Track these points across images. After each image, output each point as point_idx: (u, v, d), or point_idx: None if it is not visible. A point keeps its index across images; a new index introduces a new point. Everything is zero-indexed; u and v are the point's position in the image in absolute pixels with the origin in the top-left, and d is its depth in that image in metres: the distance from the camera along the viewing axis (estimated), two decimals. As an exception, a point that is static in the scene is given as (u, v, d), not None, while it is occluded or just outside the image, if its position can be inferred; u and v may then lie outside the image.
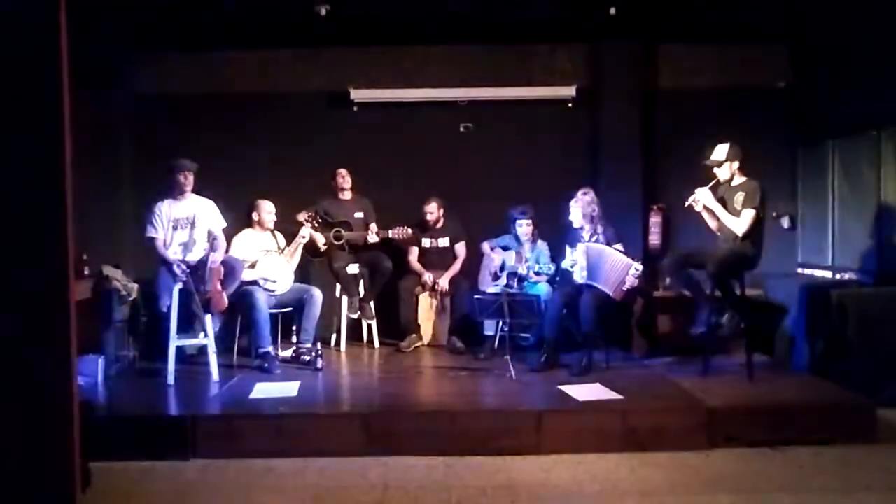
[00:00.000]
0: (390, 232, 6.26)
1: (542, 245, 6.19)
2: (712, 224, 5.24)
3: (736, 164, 5.14)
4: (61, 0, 2.51)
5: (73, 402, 2.49)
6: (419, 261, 6.55)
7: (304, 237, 6.00)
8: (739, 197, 5.05)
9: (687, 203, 5.20)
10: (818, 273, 6.65)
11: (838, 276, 6.29)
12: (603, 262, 5.41)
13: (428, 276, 6.39)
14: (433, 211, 6.50)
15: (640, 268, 5.28)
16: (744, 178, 5.14)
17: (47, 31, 2.52)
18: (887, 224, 5.72)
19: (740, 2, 6.00)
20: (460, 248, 6.56)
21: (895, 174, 5.66)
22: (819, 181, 6.71)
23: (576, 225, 5.65)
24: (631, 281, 5.27)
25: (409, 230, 6.32)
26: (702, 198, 5.13)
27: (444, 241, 6.56)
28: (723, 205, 5.12)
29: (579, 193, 5.65)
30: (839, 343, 5.35)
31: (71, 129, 2.55)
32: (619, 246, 5.52)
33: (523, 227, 6.13)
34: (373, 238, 6.27)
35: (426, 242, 6.57)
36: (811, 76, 6.83)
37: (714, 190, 5.16)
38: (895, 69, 5.58)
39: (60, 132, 2.43)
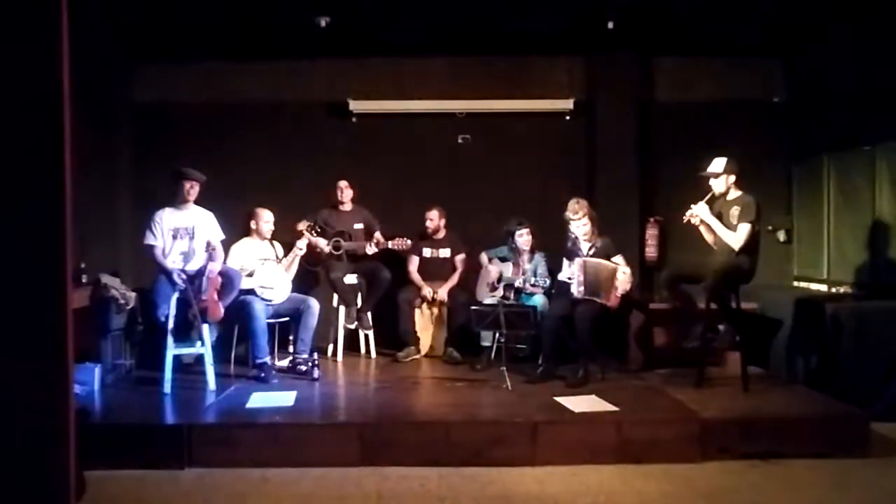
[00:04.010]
0: (390, 243, 6.27)
1: (539, 256, 6.21)
2: (709, 238, 5.27)
3: (732, 178, 5.18)
4: (63, 9, 2.53)
5: (69, 411, 2.49)
6: (419, 270, 6.56)
7: (301, 249, 6.01)
8: (735, 211, 5.09)
9: (685, 219, 5.23)
10: (813, 286, 6.68)
11: (833, 290, 6.32)
12: (598, 275, 5.43)
13: (427, 291, 6.40)
14: (433, 218, 6.51)
15: (628, 270, 5.32)
16: (739, 193, 5.18)
17: (48, 39, 2.54)
18: (881, 238, 5.75)
19: (736, 17, 6.05)
20: (460, 260, 6.57)
21: (889, 189, 5.70)
22: (814, 195, 6.75)
23: (585, 235, 5.63)
24: (623, 285, 5.29)
25: (409, 241, 6.33)
26: (699, 213, 5.17)
27: (444, 252, 6.58)
28: (718, 219, 5.15)
29: (575, 205, 5.60)
30: (833, 356, 5.37)
31: (71, 138, 2.57)
32: (618, 257, 5.53)
33: (524, 236, 6.14)
34: (372, 249, 6.28)
35: (426, 252, 6.58)
36: (806, 91, 6.89)
37: (710, 204, 5.19)
38: (889, 85, 5.62)
39: (60, 140, 2.45)
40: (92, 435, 3.96)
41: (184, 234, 5.55)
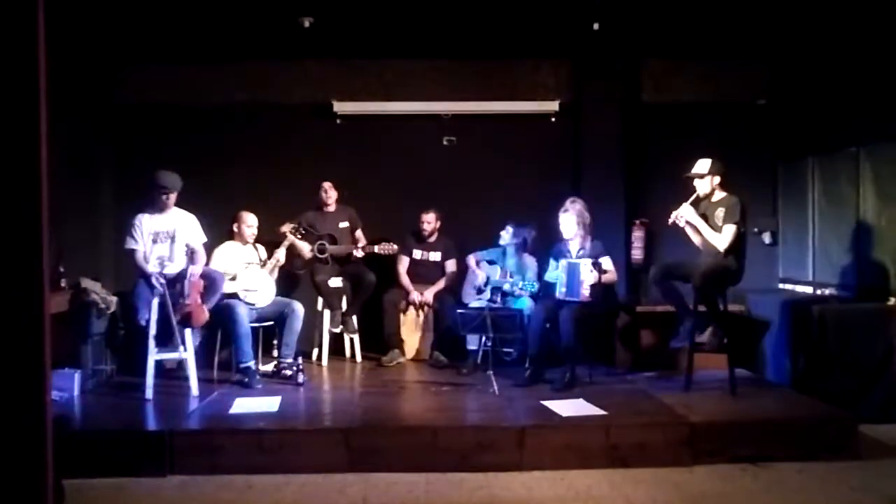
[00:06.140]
0: (376, 248, 6.23)
1: (529, 260, 6.16)
2: (696, 239, 5.26)
3: (717, 179, 5.18)
4: (39, 11, 2.46)
5: (46, 417, 2.42)
6: (408, 271, 6.51)
7: (279, 260, 5.91)
8: (720, 212, 5.09)
9: (671, 220, 5.22)
10: (799, 288, 6.69)
11: (819, 292, 6.33)
12: (577, 276, 5.43)
13: (415, 295, 6.35)
14: (431, 221, 6.46)
15: (589, 261, 5.34)
16: (724, 194, 5.18)
17: (24, 41, 2.48)
18: (866, 240, 5.77)
19: (722, 19, 6.05)
20: (450, 265, 6.53)
21: (874, 190, 5.72)
22: (799, 197, 6.76)
23: (567, 235, 5.61)
24: (588, 277, 5.29)
25: (395, 246, 6.28)
26: (684, 214, 5.16)
27: (435, 256, 6.54)
28: (704, 220, 5.15)
29: (568, 203, 5.62)
30: (820, 358, 5.38)
31: (49, 140, 2.51)
32: (606, 258, 5.51)
33: (500, 234, 6.10)
34: (358, 253, 6.23)
35: (417, 254, 6.54)
36: (792, 93, 6.91)
37: (696, 205, 5.18)
38: (874, 87, 5.64)
39: (36, 142, 2.38)
40: (71, 442, 3.89)
41: (164, 237, 5.47)
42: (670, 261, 5.53)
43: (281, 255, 5.92)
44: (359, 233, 6.41)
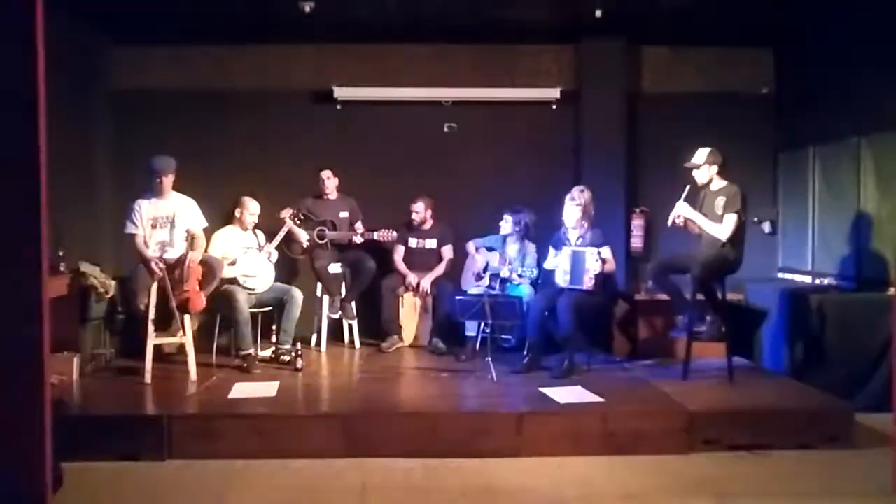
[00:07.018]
0: (375, 234, 6.22)
1: (530, 246, 6.14)
2: (697, 230, 5.25)
3: (715, 169, 5.18)
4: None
5: (45, 401, 2.43)
6: (404, 260, 6.51)
7: (271, 254, 5.93)
8: (720, 201, 5.07)
9: (670, 223, 5.22)
10: (798, 278, 6.69)
11: (818, 281, 6.33)
12: (582, 264, 5.42)
13: (412, 278, 6.36)
14: (419, 210, 6.46)
15: (595, 250, 5.32)
16: (724, 183, 5.17)
17: (23, 23, 2.47)
18: (866, 230, 5.76)
19: (725, 8, 6.02)
20: (447, 251, 6.52)
21: (875, 180, 5.70)
22: (800, 187, 6.75)
23: (569, 223, 5.60)
24: (593, 266, 5.28)
25: (395, 233, 6.28)
26: (681, 212, 5.16)
27: (430, 243, 6.53)
28: (702, 208, 5.15)
29: (576, 191, 5.60)
30: (818, 348, 5.38)
31: (47, 125, 2.50)
32: (606, 248, 5.50)
33: (500, 223, 6.10)
34: (357, 239, 6.23)
35: (412, 242, 6.53)
36: (793, 82, 6.88)
37: (692, 197, 5.17)
38: (876, 77, 5.62)
39: (35, 127, 2.38)
40: (70, 426, 3.89)
41: (164, 222, 5.45)
42: (668, 256, 5.53)
43: (271, 249, 5.92)
44: (358, 224, 6.39)
